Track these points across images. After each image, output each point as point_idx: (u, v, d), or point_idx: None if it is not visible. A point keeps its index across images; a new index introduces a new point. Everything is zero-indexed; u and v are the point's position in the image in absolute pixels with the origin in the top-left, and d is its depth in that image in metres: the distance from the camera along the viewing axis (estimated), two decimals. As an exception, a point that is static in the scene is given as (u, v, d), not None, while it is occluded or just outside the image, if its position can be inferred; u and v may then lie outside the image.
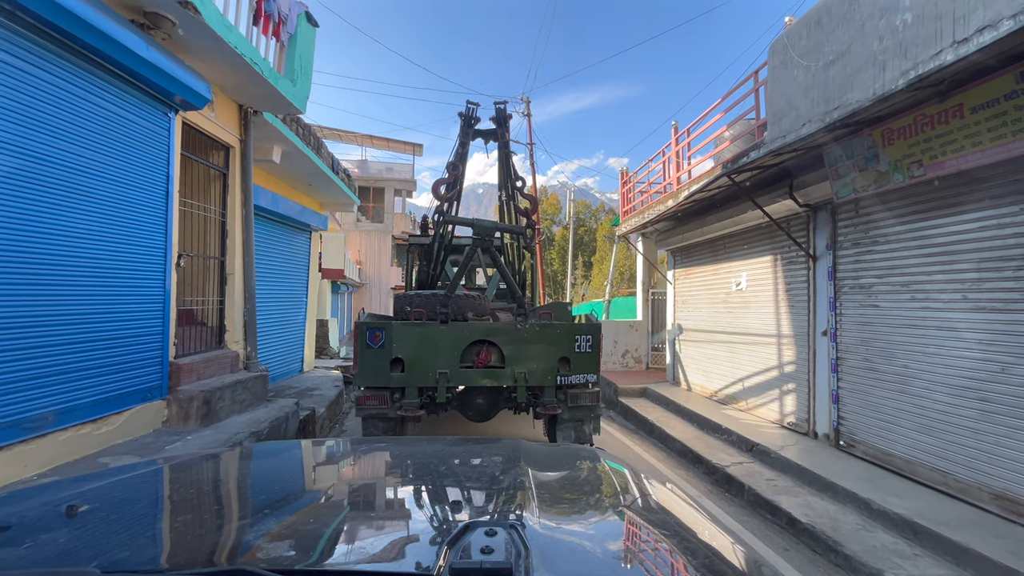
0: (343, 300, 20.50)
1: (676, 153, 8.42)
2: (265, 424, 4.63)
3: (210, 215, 5.51)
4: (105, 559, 0.79)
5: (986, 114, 3.20)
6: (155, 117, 4.32)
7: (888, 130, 3.90)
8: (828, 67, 3.99)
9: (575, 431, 4.65)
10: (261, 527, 0.94)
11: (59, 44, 3.34)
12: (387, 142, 24.23)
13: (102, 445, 3.72)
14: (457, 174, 5.82)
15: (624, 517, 1.13)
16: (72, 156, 3.51)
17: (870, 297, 4.61)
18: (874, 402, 4.51)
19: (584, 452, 1.65)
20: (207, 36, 4.20)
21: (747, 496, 4.30)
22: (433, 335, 4.41)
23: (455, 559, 0.74)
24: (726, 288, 7.25)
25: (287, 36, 5.60)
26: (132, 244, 4.09)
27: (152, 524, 1.00)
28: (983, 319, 3.57)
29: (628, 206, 10.85)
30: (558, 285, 41.75)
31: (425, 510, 1.13)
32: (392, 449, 1.68)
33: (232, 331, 5.69)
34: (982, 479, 3.50)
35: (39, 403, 3.27)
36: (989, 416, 3.49)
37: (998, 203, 3.49)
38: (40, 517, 0.97)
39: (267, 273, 7.18)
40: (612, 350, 10.51)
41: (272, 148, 6.65)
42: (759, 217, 5.94)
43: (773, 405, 6.06)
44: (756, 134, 6.10)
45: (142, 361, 4.18)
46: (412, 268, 7.14)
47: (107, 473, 1.26)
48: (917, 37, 3.12)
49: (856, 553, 3.12)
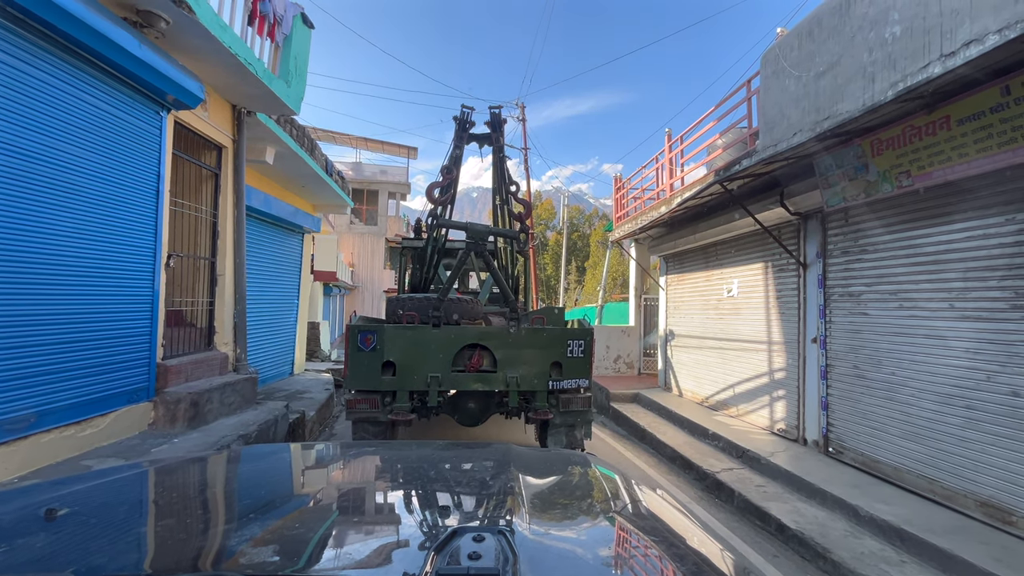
0: (335, 303, 20.38)
1: (669, 160, 8.48)
2: (254, 427, 4.58)
3: (201, 215, 5.46)
4: (82, 564, 0.77)
5: (972, 126, 3.26)
6: (147, 116, 4.28)
7: (877, 140, 3.95)
8: (819, 78, 4.05)
9: (566, 436, 4.64)
10: (246, 532, 0.93)
11: (50, 41, 3.31)
12: (381, 145, 24.21)
13: (86, 447, 3.66)
14: (451, 178, 5.82)
15: (614, 523, 1.12)
16: (61, 154, 3.47)
17: (859, 305, 4.66)
18: (863, 409, 4.55)
19: (575, 457, 1.64)
20: (201, 35, 4.18)
21: (737, 502, 4.31)
22: (425, 339, 4.39)
23: (442, 565, 0.73)
24: (718, 295, 7.30)
25: (282, 37, 5.58)
26: (121, 243, 4.04)
27: (133, 528, 0.98)
28: (969, 328, 3.62)
29: (622, 212, 10.90)
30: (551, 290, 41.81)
31: (413, 515, 1.12)
32: (381, 453, 1.67)
33: (222, 333, 5.63)
34: (968, 486, 3.54)
35: (21, 404, 3.21)
36: (975, 424, 3.53)
37: (984, 213, 3.55)
38: (16, 521, 0.94)
39: (258, 275, 7.12)
40: (604, 355, 10.52)
41: (265, 149, 6.61)
42: (750, 225, 5.99)
43: (763, 411, 6.09)
44: (748, 142, 6.16)
45: (129, 362, 4.12)
46: (405, 271, 7.12)
47: (89, 476, 1.24)
48: (906, 50, 3.18)
49: (844, 559, 3.13)
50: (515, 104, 20.47)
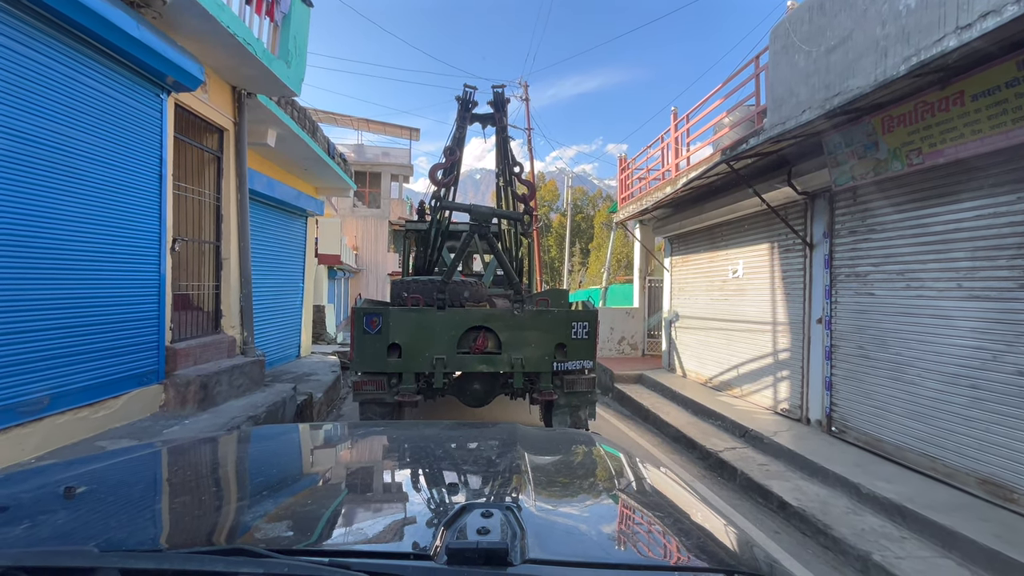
0: (340, 286, 20.45)
1: (675, 139, 8.36)
2: (263, 409, 4.65)
3: (205, 199, 5.45)
4: (103, 539, 0.79)
5: (986, 102, 3.18)
6: (147, 98, 4.25)
7: (888, 117, 3.87)
8: (829, 53, 3.95)
9: (571, 417, 4.68)
10: (260, 509, 0.95)
11: (47, 22, 3.26)
12: (383, 126, 23.97)
13: (100, 429, 3.73)
14: (454, 159, 5.76)
15: (618, 500, 1.14)
16: (63, 138, 3.46)
17: (865, 285, 4.63)
18: (867, 389, 4.56)
19: (580, 436, 1.66)
20: (199, 15, 4.11)
21: (739, 480, 4.36)
22: (430, 321, 4.41)
23: (451, 540, 0.75)
24: (723, 276, 7.27)
25: (281, 16, 5.49)
26: (126, 227, 4.05)
27: (150, 505, 1.00)
28: (976, 307, 3.60)
29: (626, 193, 10.80)
30: (555, 272, 41.75)
31: (422, 493, 1.14)
32: (389, 433, 1.69)
33: (228, 316, 5.67)
34: (970, 464, 3.57)
35: (35, 387, 3.27)
36: (979, 403, 3.54)
37: (995, 192, 3.49)
38: (38, 498, 0.97)
39: (263, 258, 7.14)
40: (608, 337, 10.55)
41: (267, 131, 6.55)
42: (757, 204, 5.93)
43: (767, 392, 6.12)
44: (756, 120, 6.06)
45: (138, 345, 4.17)
46: (409, 254, 7.11)
47: (105, 456, 1.27)
48: (920, 23, 3.09)
49: (845, 536, 3.18)
50: (518, 83, 20.15)
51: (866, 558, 2.96)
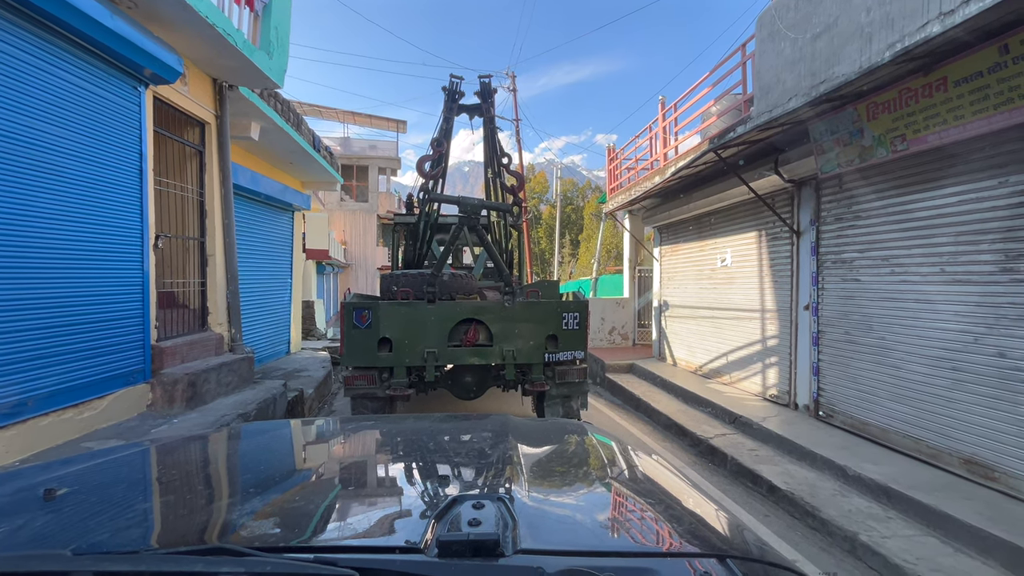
0: (329, 281, 20.28)
1: (663, 129, 8.36)
2: (253, 406, 4.60)
3: (188, 194, 5.35)
4: (82, 542, 0.77)
5: (969, 87, 3.22)
6: (124, 92, 4.13)
7: (873, 104, 3.90)
8: (815, 39, 3.96)
9: (563, 407, 4.71)
10: (248, 507, 0.93)
11: (14, 11, 3.15)
12: (370, 119, 23.64)
13: (85, 430, 3.67)
14: (442, 151, 5.72)
15: (611, 488, 1.14)
16: (37, 133, 3.35)
17: (851, 271, 4.69)
18: (853, 374, 4.64)
19: (571, 426, 1.67)
20: (176, 4, 3.99)
21: (730, 466, 4.42)
22: (420, 315, 4.39)
23: (443, 532, 0.74)
24: (711, 264, 7.32)
25: (261, 6, 5.36)
26: (106, 224, 3.96)
27: (134, 506, 0.98)
28: (958, 291, 3.66)
29: (615, 183, 10.80)
30: (545, 263, 41.77)
31: (414, 486, 1.13)
32: (381, 427, 1.68)
33: (215, 313, 5.59)
34: (952, 445, 3.65)
35: (16, 388, 3.19)
36: (961, 385, 3.61)
37: (977, 177, 3.54)
38: (16, 501, 0.94)
39: (250, 254, 7.03)
40: (599, 327, 10.60)
41: (250, 124, 6.43)
42: (744, 193, 5.96)
43: (756, 378, 6.20)
44: (743, 109, 6.07)
45: (123, 344, 4.10)
46: (398, 248, 7.05)
47: (88, 456, 1.24)
48: (904, 9, 3.10)
49: (832, 517, 3.25)
50: (505, 74, 19.98)
51: (853, 538, 3.02)
